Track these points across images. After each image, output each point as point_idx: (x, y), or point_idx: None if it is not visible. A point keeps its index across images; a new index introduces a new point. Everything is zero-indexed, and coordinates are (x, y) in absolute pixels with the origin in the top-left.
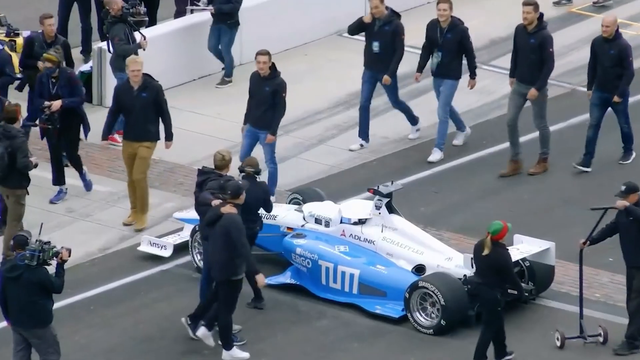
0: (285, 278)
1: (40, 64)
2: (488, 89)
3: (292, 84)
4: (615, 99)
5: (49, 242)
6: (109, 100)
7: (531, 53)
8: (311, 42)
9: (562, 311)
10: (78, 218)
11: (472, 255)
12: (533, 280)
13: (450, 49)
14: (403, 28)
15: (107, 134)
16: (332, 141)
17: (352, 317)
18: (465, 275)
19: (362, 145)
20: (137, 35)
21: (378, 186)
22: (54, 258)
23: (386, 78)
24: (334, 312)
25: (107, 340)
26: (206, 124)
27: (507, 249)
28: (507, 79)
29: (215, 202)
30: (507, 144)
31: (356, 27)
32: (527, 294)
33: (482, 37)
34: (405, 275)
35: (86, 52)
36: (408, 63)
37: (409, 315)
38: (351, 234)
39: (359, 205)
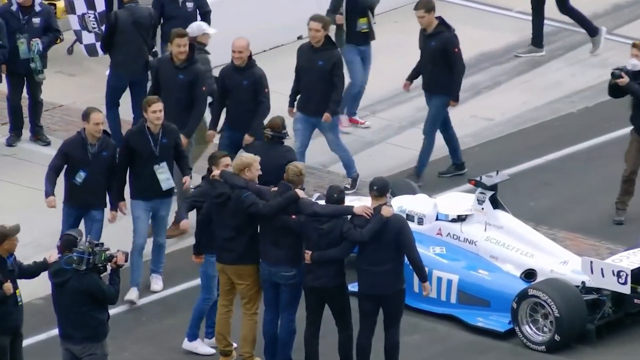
0: None
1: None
2: (611, 61)
3: (380, 56)
4: (246, 138)
5: (102, 243)
6: None
7: None
8: (403, 5)
9: None
10: (118, 215)
11: (591, 260)
12: None
13: None
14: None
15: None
16: None
17: (449, 331)
18: (583, 282)
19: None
20: None
21: (481, 177)
22: (107, 262)
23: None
24: (429, 324)
25: (158, 357)
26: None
27: None
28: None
29: (362, 207)
30: (631, 128)
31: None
32: None
33: (604, 1)
34: (513, 282)
35: None
36: None
37: (516, 329)
38: (449, 233)
39: (458, 199)
